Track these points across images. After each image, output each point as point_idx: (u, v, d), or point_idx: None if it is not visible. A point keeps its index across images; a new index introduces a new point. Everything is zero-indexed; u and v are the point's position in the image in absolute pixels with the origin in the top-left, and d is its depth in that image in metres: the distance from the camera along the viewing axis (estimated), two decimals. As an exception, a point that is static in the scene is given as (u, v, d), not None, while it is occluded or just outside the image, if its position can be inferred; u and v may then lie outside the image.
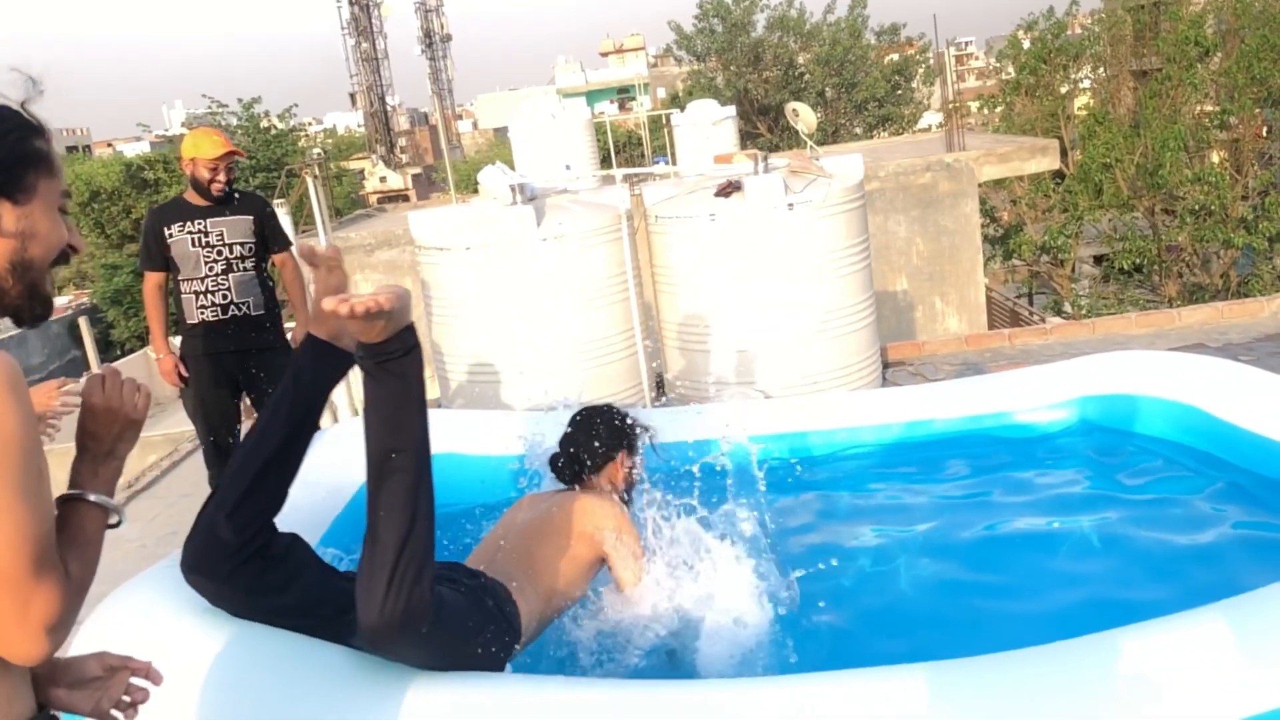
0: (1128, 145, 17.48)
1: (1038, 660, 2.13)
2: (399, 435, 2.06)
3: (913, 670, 2.12)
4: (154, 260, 4.46)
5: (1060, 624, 2.56)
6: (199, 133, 4.50)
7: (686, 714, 2.08)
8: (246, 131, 29.68)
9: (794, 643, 2.61)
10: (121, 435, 1.54)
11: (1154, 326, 6.79)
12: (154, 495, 5.82)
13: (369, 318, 1.96)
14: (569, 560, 2.67)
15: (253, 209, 4.52)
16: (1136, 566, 2.98)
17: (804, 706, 2.06)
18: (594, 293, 5.41)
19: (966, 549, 3.09)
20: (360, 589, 2.06)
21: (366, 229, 13.36)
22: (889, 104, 30.15)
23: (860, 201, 5.58)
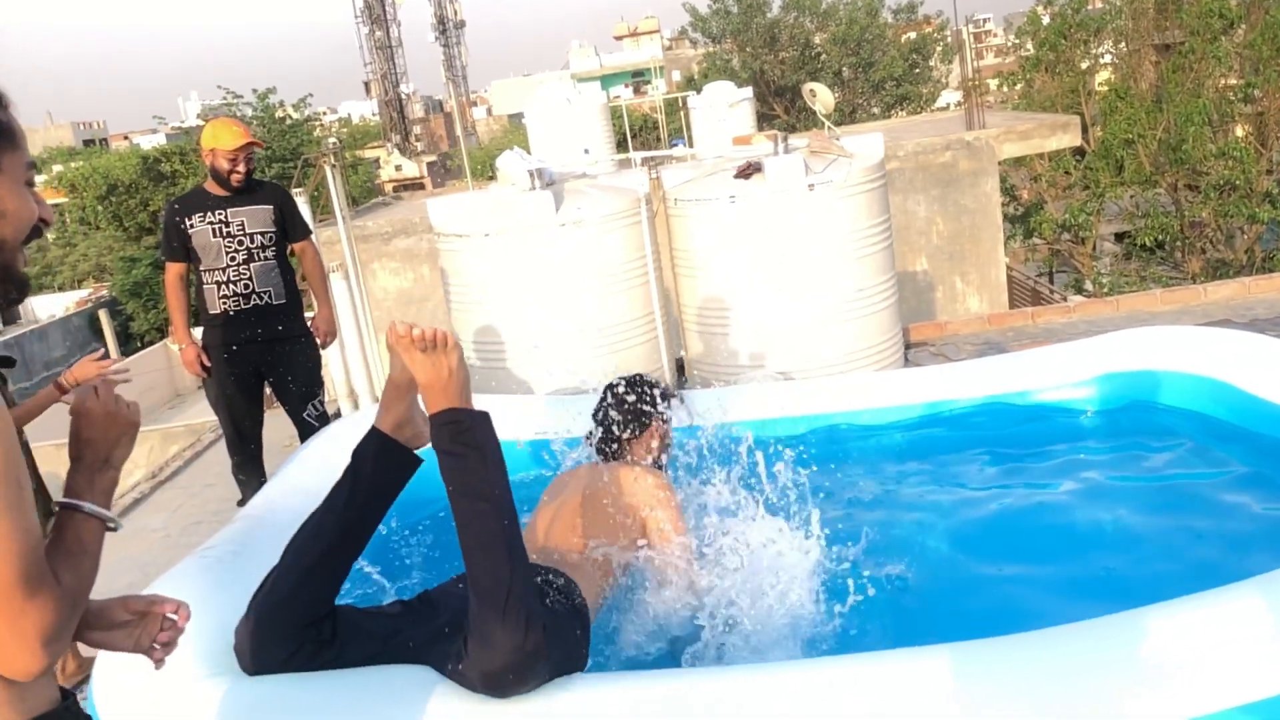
0: (1150, 120, 17.26)
1: (1064, 639, 2.11)
2: (483, 493, 2.09)
3: (937, 651, 2.10)
4: (174, 251, 4.46)
5: (1088, 603, 2.53)
6: (218, 123, 4.50)
7: (702, 699, 2.07)
8: (262, 122, 29.73)
9: (820, 625, 2.59)
10: (118, 441, 1.50)
11: (1179, 303, 6.71)
12: (177, 485, 5.85)
13: (430, 349, 2.03)
14: (619, 537, 2.69)
15: (273, 198, 4.52)
16: (1164, 544, 2.95)
17: (828, 689, 2.04)
18: (613, 277, 5.39)
19: (992, 529, 3.06)
20: (476, 642, 2.07)
21: (383, 217, 13.38)
22: (906, 83, 29.92)
23: (881, 181, 5.52)
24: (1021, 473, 3.43)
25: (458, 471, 2.07)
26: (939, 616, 2.65)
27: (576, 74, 48.32)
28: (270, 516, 2.90)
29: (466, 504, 2.07)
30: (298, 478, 3.19)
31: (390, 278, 12.61)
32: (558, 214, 5.23)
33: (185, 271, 4.51)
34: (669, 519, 2.72)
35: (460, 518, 2.08)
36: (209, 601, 2.33)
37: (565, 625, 2.28)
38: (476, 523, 2.06)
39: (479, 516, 2.06)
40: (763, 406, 3.87)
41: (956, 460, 3.58)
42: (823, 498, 3.27)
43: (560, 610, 2.32)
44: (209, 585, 2.42)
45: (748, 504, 2.81)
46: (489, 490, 2.08)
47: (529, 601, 2.08)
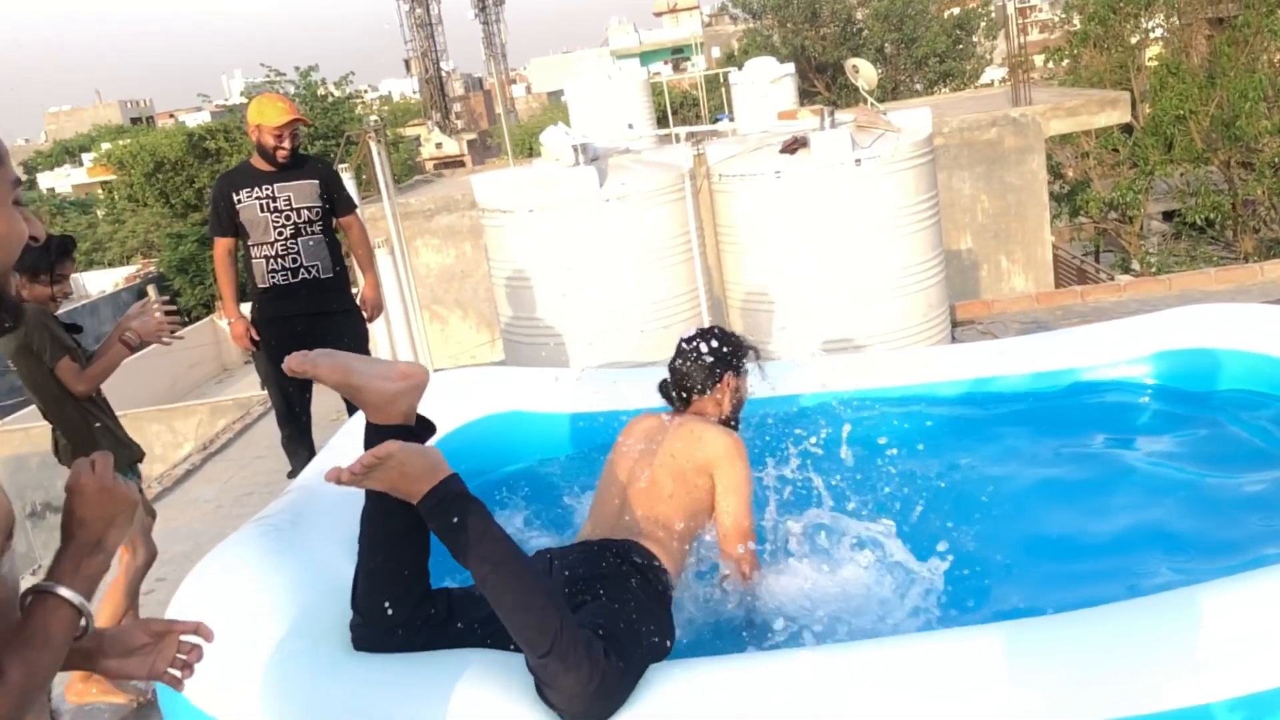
0: (1202, 96, 16.87)
1: (1119, 617, 2.08)
2: (495, 553, 2.08)
3: (988, 630, 2.09)
4: (223, 226, 4.51)
5: (1140, 580, 2.51)
6: (264, 99, 4.52)
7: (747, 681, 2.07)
8: (304, 100, 29.92)
9: (867, 606, 2.58)
10: (113, 520, 1.39)
11: (1234, 282, 6.58)
12: (227, 458, 5.94)
13: (370, 474, 2.03)
14: (693, 495, 2.68)
15: (318, 173, 4.55)
16: (1216, 522, 2.90)
17: (880, 669, 2.03)
18: (657, 253, 5.37)
19: (1045, 506, 3.03)
20: (550, 691, 2.04)
21: (425, 194, 13.43)
22: (950, 59, 29.45)
23: (929, 156, 5.45)
24: (1075, 449, 3.38)
25: (465, 541, 2.07)
26: (989, 594, 2.62)
27: (616, 51, 48.10)
28: (323, 488, 2.91)
29: (488, 568, 2.06)
30: (347, 449, 3.21)
31: (433, 254, 12.67)
32: (601, 189, 5.22)
33: (233, 247, 4.56)
34: (739, 504, 2.67)
35: (487, 584, 2.08)
36: (269, 568, 2.36)
37: (643, 619, 2.26)
38: (503, 583, 2.05)
39: (504, 577, 2.06)
40: (809, 381, 3.84)
41: (1008, 437, 3.54)
42: (869, 474, 3.26)
43: (637, 605, 2.30)
44: (268, 553, 2.45)
45: (804, 489, 2.79)
46: (498, 547, 2.08)
47: (581, 634, 2.06)
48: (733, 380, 2.89)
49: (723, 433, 2.75)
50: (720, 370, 2.88)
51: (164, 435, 12.11)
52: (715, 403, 2.89)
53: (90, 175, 45.71)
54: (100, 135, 46.53)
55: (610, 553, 2.48)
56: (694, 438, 2.74)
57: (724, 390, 2.88)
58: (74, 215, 36.88)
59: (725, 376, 2.88)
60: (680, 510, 2.66)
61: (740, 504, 2.68)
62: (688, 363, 2.90)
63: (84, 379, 3.26)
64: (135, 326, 3.29)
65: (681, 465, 2.70)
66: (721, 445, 2.70)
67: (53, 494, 12.57)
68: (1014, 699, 1.94)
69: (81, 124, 56.63)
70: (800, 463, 2.92)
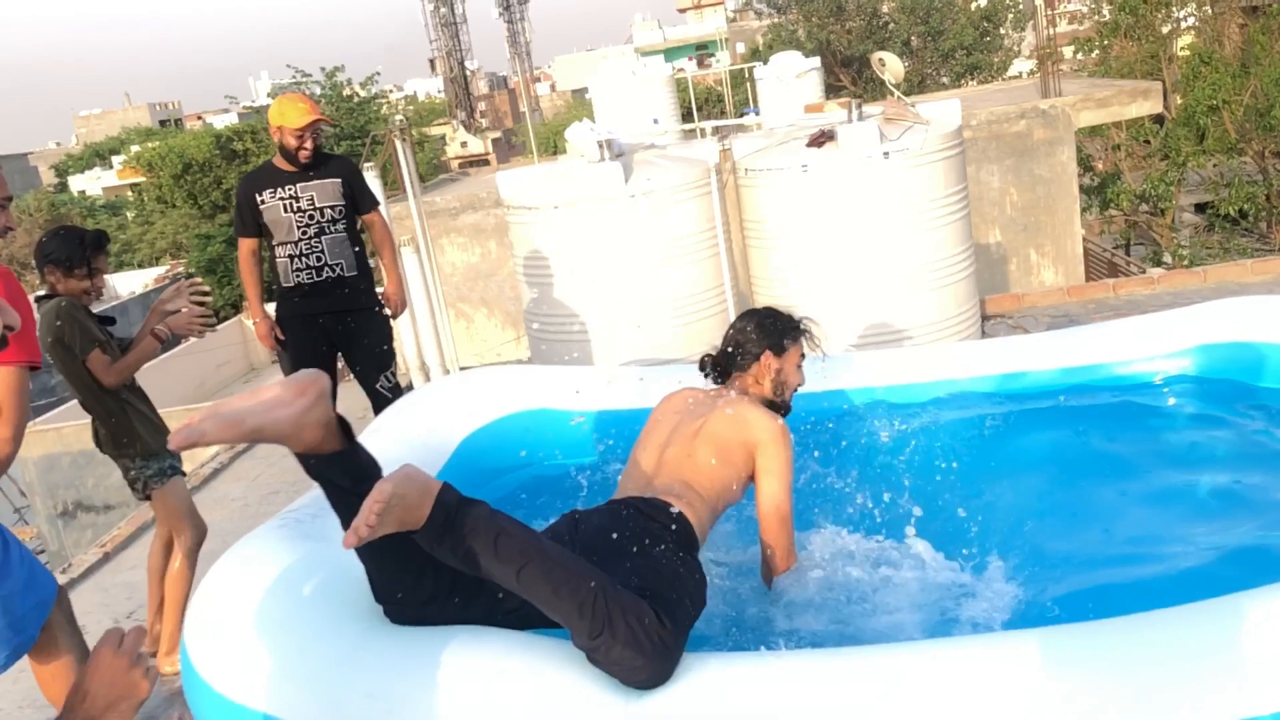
0: (1236, 86, 16.60)
1: (1159, 625, 2.01)
2: (512, 559, 2.03)
3: (1024, 636, 2.03)
4: (247, 227, 4.52)
5: (1181, 586, 2.43)
6: (285, 100, 4.52)
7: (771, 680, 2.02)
8: (330, 100, 30.11)
9: (898, 608, 2.52)
10: (116, 705, 1.37)
11: (1272, 273, 6.46)
12: (255, 456, 5.95)
13: (382, 521, 1.94)
14: (728, 468, 2.64)
15: (340, 171, 4.54)
16: (1259, 524, 2.81)
17: (908, 675, 1.98)
18: (683, 248, 5.34)
19: (1082, 505, 2.96)
20: (607, 665, 2.03)
21: (450, 193, 13.44)
22: (977, 52, 29.18)
23: (959, 148, 5.38)
24: (1112, 447, 3.31)
25: (481, 551, 2.01)
26: (1022, 598, 2.55)
27: (640, 48, 48.02)
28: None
29: (513, 571, 2.02)
30: (373, 447, 3.19)
31: (458, 253, 12.68)
32: (627, 185, 5.19)
33: (258, 247, 4.57)
34: (780, 489, 2.62)
35: (519, 585, 2.03)
36: (292, 561, 2.34)
37: (682, 572, 2.25)
38: (534, 578, 2.01)
39: (533, 573, 2.01)
40: (841, 377, 3.79)
41: (1043, 435, 3.46)
42: (902, 471, 3.21)
43: (670, 560, 2.27)
44: (291, 546, 2.44)
45: (835, 486, 2.74)
46: (516, 544, 2.02)
47: (627, 602, 2.03)
48: (772, 360, 2.83)
49: (768, 415, 2.70)
50: (759, 348, 2.83)
51: (193, 434, 12.18)
52: (754, 380, 2.85)
53: (120, 178, 46.20)
54: (130, 138, 47.05)
55: (638, 510, 2.43)
56: (739, 418, 2.69)
57: (763, 370, 2.84)
58: (104, 217, 37.28)
59: (764, 355, 2.83)
60: (715, 482, 2.62)
61: (781, 489, 2.63)
62: (732, 337, 2.88)
63: (112, 371, 3.30)
64: (168, 321, 3.32)
65: (724, 440, 2.66)
66: (766, 428, 2.65)
67: (84, 493, 12.69)
68: (1044, 708, 1.87)
69: (111, 127, 57.24)
70: (830, 459, 2.86)
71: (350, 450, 2.14)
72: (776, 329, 2.88)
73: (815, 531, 2.76)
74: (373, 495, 1.92)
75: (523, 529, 2.09)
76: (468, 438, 3.47)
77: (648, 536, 2.34)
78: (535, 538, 2.09)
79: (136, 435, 3.41)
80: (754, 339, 2.85)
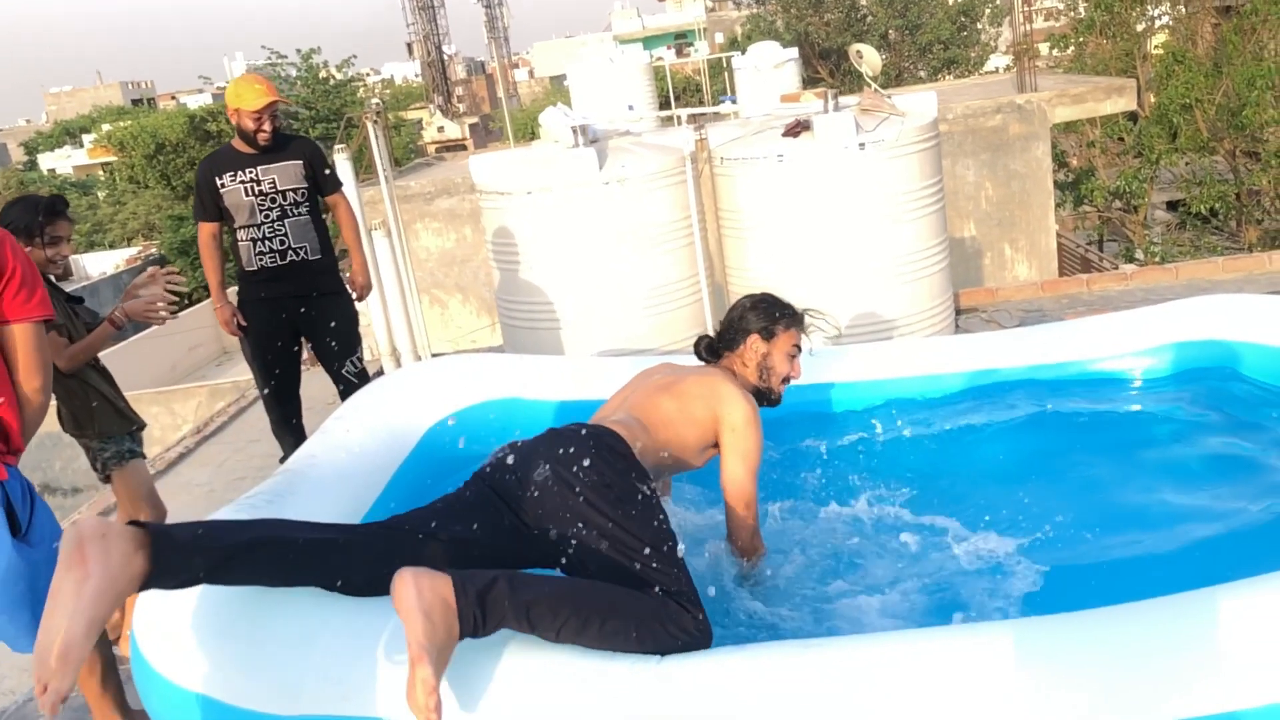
0: (1208, 85, 16.72)
1: (1131, 618, 2.00)
2: (550, 625, 2.03)
3: (997, 628, 2.02)
4: (207, 211, 4.42)
5: (1150, 580, 2.43)
6: (241, 82, 4.41)
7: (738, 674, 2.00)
8: (306, 82, 29.81)
9: (869, 601, 2.51)
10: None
11: (1242, 271, 6.50)
12: (222, 441, 5.88)
13: (437, 674, 1.88)
14: (689, 424, 2.60)
15: (302, 153, 4.46)
16: (1231, 520, 2.82)
17: (879, 667, 1.96)
18: (657, 237, 5.30)
19: (1056, 501, 2.94)
20: None
21: (426, 177, 13.34)
22: (954, 46, 29.25)
23: (934, 141, 5.37)
24: (1086, 444, 3.30)
25: (519, 624, 2.00)
26: (996, 591, 2.54)
27: (619, 35, 47.85)
28: (310, 471, 2.86)
29: (549, 635, 2.02)
30: (338, 434, 3.15)
31: (433, 238, 12.59)
32: (601, 172, 5.14)
33: (218, 231, 4.48)
34: (744, 472, 2.58)
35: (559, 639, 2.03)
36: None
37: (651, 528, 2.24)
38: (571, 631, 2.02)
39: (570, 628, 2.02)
40: (816, 372, 3.77)
41: (1016, 431, 3.45)
42: (874, 466, 3.19)
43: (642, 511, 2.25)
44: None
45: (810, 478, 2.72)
46: (546, 607, 2.00)
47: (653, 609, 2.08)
48: (759, 343, 2.79)
49: (742, 395, 2.65)
50: (747, 331, 2.80)
51: (163, 417, 12.05)
52: (741, 362, 2.81)
53: (91, 156, 45.55)
54: (101, 116, 46.37)
55: (581, 439, 2.35)
56: (711, 386, 2.66)
57: (749, 352, 2.79)
58: (74, 196, 36.78)
59: (751, 337, 2.79)
60: (670, 430, 2.58)
61: (745, 472, 2.59)
62: (727, 316, 2.86)
63: (65, 356, 3.23)
64: (126, 306, 3.24)
65: (690, 397, 2.63)
66: (737, 407, 2.61)
67: (50, 475, 12.52)
68: (1025, 700, 1.86)
69: (82, 105, 56.41)
70: (800, 452, 2.84)
71: (164, 555, 1.92)
72: (770, 313, 2.82)
73: (786, 524, 2.74)
74: (422, 681, 1.83)
75: (544, 587, 2.04)
76: (433, 427, 3.42)
77: (586, 458, 2.29)
78: (558, 592, 2.05)
79: (94, 416, 3.35)
80: (746, 320, 2.82)
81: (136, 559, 1.87)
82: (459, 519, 2.27)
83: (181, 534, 1.99)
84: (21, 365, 2.29)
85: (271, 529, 2.15)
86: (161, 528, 1.98)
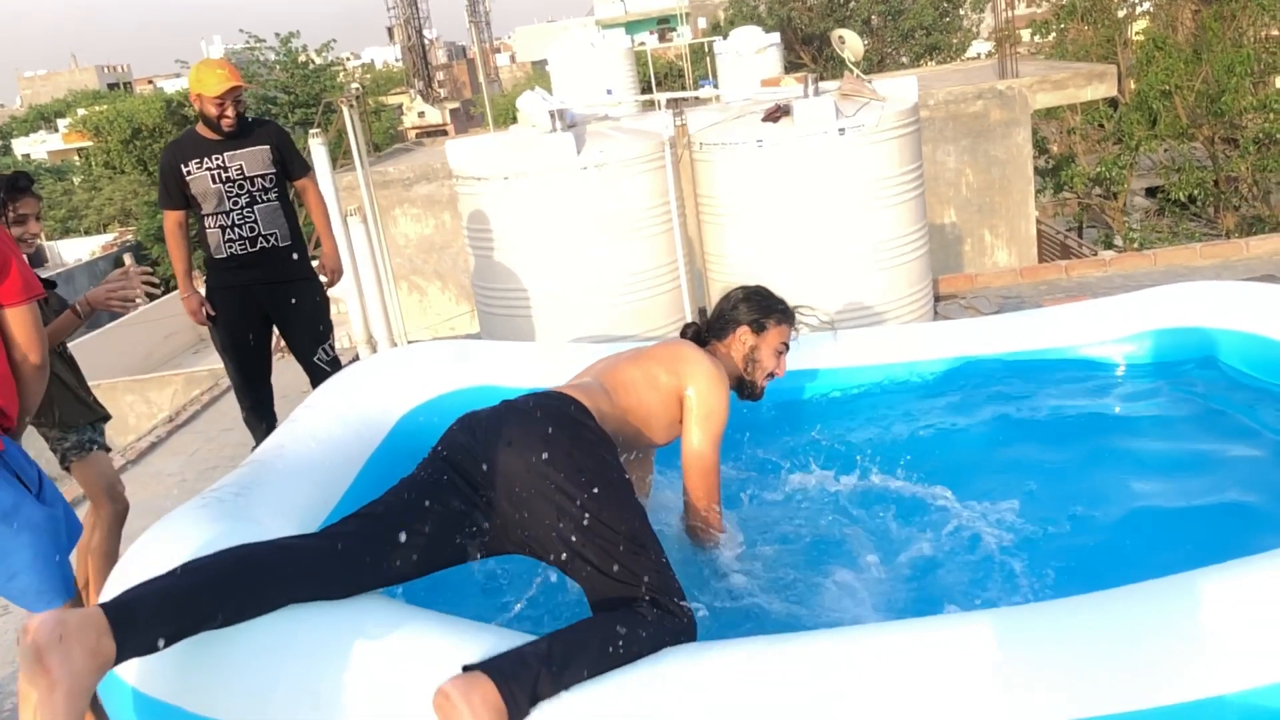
0: (1188, 71, 16.77)
1: (1108, 605, 1.98)
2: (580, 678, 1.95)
3: (976, 618, 1.99)
4: (173, 199, 4.32)
5: (1129, 567, 2.41)
6: (202, 66, 4.29)
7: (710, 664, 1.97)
8: (285, 67, 29.56)
9: (852, 589, 2.48)
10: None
11: (1220, 258, 6.51)
12: (194, 430, 5.81)
13: None
14: (653, 390, 2.55)
15: (269, 138, 4.38)
16: (1210, 506, 2.80)
17: (857, 658, 1.93)
18: (636, 223, 5.25)
19: (1034, 489, 2.92)
20: None
21: (405, 163, 13.22)
22: (936, 32, 29.26)
23: (915, 126, 5.34)
24: (1064, 432, 3.27)
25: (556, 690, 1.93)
26: (979, 582, 2.51)
27: (601, 20, 47.60)
28: (278, 463, 2.81)
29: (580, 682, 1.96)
30: (309, 422, 3.10)
31: (412, 224, 12.49)
32: (579, 156, 5.09)
33: (185, 219, 4.39)
34: (705, 438, 2.51)
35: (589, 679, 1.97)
36: (209, 543, 2.24)
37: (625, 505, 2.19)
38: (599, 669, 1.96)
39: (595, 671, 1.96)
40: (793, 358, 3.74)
41: (994, 418, 3.43)
42: (850, 453, 3.17)
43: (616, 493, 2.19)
44: (210, 526, 2.32)
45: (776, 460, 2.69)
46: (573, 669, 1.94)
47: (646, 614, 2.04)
48: (749, 335, 2.75)
49: (709, 361, 2.60)
50: (737, 322, 2.76)
51: (138, 406, 11.93)
52: (727, 351, 2.77)
53: (66, 141, 44.99)
54: (76, 101, 45.81)
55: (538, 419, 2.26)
56: (679, 354, 2.61)
57: (737, 342, 2.76)
58: (49, 182, 36.35)
59: (741, 329, 2.76)
60: (634, 396, 2.52)
61: (706, 437, 2.53)
62: (718, 306, 2.82)
63: None
64: (89, 295, 3.17)
65: (654, 367, 2.58)
66: (702, 371, 2.56)
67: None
68: (1000, 691, 1.83)
69: (57, 89, 55.69)
70: (774, 439, 2.81)
71: (128, 633, 1.86)
72: (763, 306, 2.79)
73: (755, 509, 2.71)
74: None
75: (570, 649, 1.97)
76: (406, 414, 3.36)
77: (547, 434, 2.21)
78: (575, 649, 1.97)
79: (54, 405, 3.28)
80: (738, 310, 2.78)
81: (101, 646, 1.80)
82: (418, 513, 2.21)
83: (142, 607, 1.91)
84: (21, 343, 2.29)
85: (227, 576, 2.03)
86: (121, 605, 1.89)
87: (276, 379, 4.54)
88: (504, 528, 2.23)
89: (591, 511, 2.14)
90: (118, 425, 10.68)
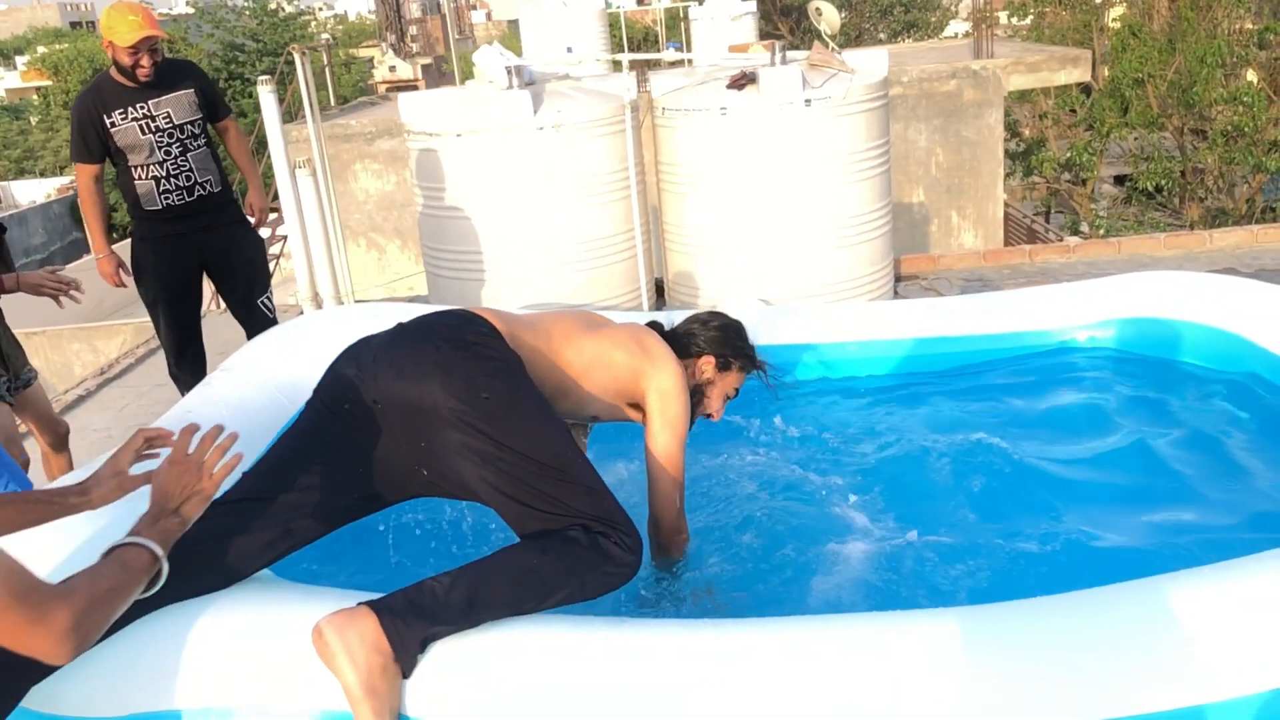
0: (1161, 60, 16.76)
1: (1068, 607, 1.87)
2: (495, 611, 1.86)
3: (941, 615, 1.86)
4: (91, 151, 4.03)
5: (1085, 568, 2.31)
6: (113, 11, 3.98)
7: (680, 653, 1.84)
8: (254, 14, 28.88)
9: (799, 585, 2.36)
10: (187, 498, 1.71)
11: (1183, 249, 6.46)
12: (125, 384, 5.60)
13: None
14: (600, 361, 2.33)
15: (191, 81, 4.16)
16: (1171, 504, 2.70)
17: (828, 650, 1.80)
18: (594, 188, 5.08)
19: (985, 481, 2.80)
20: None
21: (368, 116, 12.90)
22: (915, 9, 29.13)
23: (883, 100, 5.20)
24: (1019, 421, 3.16)
25: (467, 624, 1.83)
26: (936, 578, 2.39)
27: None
28: (200, 412, 2.65)
29: (487, 613, 1.84)
30: (222, 386, 2.93)
31: (372, 179, 12.20)
32: (536, 116, 4.90)
33: (100, 173, 4.14)
34: (672, 442, 2.33)
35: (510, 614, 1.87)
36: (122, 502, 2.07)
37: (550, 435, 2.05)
38: (504, 603, 1.85)
39: (498, 603, 1.84)
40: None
41: (949, 404, 3.32)
42: (801, 436, 3.06)
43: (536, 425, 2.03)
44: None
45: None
46: (485, 606, 1.83)
47: (582, 542, 1.91)
48: (710, 367, 2.53)
49: (673, 359, 2.41)
50: (704, 350, 2.54)
51: (84, 354, 11.62)
52: (691, 372, 2.53)
53: (24, 80, 43.84)
54: (37, 38, 44.62)
55: (434, 333, 2.09)
56: (641, 343, 2.39)
57: (695, 367, 2.53)
58: (5, 121, 35.38)
59: (705, 357, 2.54)
60: (576, 357, 2.31)
61: (674, 439, 2.34)
62: (691, 322, 2.61)
63: None
64: (23, 275, 3.21)
65: (611, 343, 2.36)
66: (667, 370, 2.35)
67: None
68: (965, 693, 1.71)
69: (17, 24, 54.19)
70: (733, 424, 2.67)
71: None
72: (736, 346, 2.58)
73: (713, 500, 2.58)
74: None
75: (478, 583, 1.83)
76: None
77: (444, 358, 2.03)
78: (483, 582, 1.84)
79: None
80: (708, 338, 2.56)
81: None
82: (308, 466, 2.04)
83: None
84: None
85: None
86: None
87: (209, 339, 4.36)
88: (407, 468, 2.03)
89: (499, 438, 1.94)
90: (63, 374, 10.39)
